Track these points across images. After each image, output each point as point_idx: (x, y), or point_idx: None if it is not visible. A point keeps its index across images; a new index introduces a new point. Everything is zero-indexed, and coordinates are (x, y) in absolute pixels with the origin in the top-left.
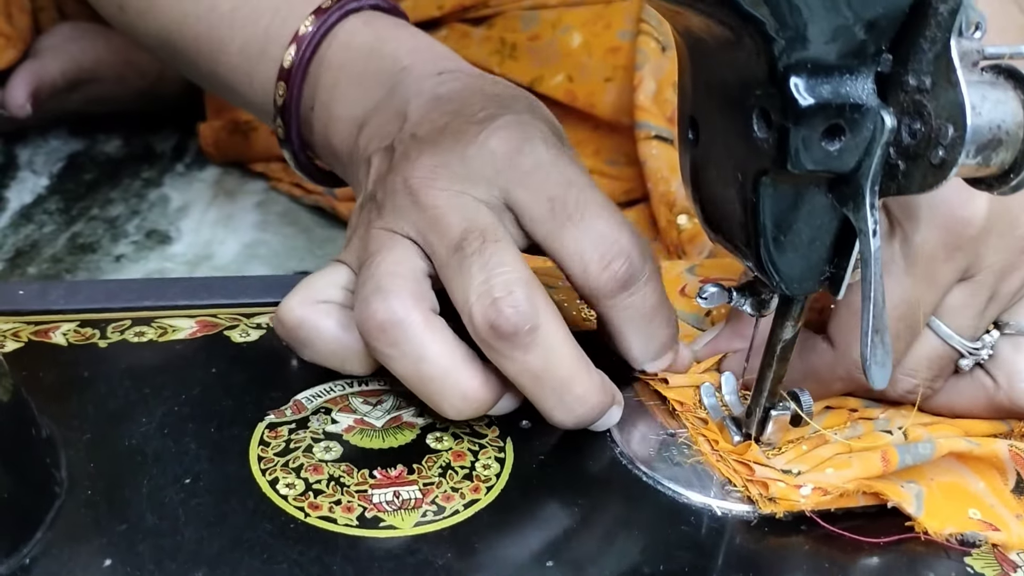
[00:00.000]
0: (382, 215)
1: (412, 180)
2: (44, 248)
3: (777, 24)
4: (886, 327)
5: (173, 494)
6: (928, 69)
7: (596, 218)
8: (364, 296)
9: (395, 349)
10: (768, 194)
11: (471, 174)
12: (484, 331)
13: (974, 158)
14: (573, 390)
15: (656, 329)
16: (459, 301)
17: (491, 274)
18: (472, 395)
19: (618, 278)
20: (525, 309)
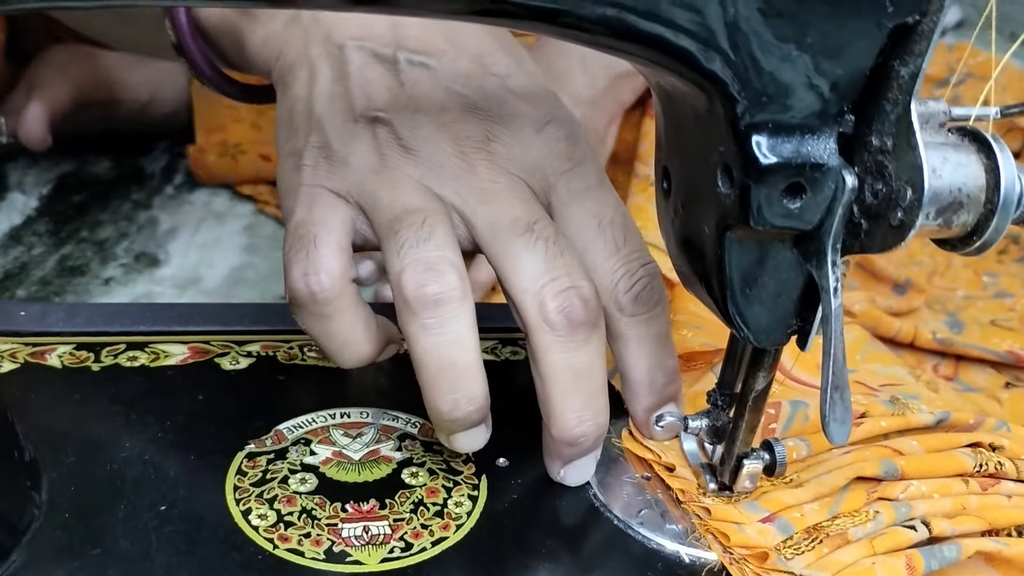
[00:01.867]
0: (414, 159)
1: (465, 147)
2: (33, 270)
3: (740, 85)
4: (846, 384)
5: (148, 520)
6: (890, 130)
7: (633, 243)
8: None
9: (440, 327)
10: (734, 248)
11: (531, 164)
12: (556, 315)
13: (934, 220)
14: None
15: (664, 358)
16: (525, 279)
17: (564, 262)
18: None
19: (640, 299)
20: (594, 305)
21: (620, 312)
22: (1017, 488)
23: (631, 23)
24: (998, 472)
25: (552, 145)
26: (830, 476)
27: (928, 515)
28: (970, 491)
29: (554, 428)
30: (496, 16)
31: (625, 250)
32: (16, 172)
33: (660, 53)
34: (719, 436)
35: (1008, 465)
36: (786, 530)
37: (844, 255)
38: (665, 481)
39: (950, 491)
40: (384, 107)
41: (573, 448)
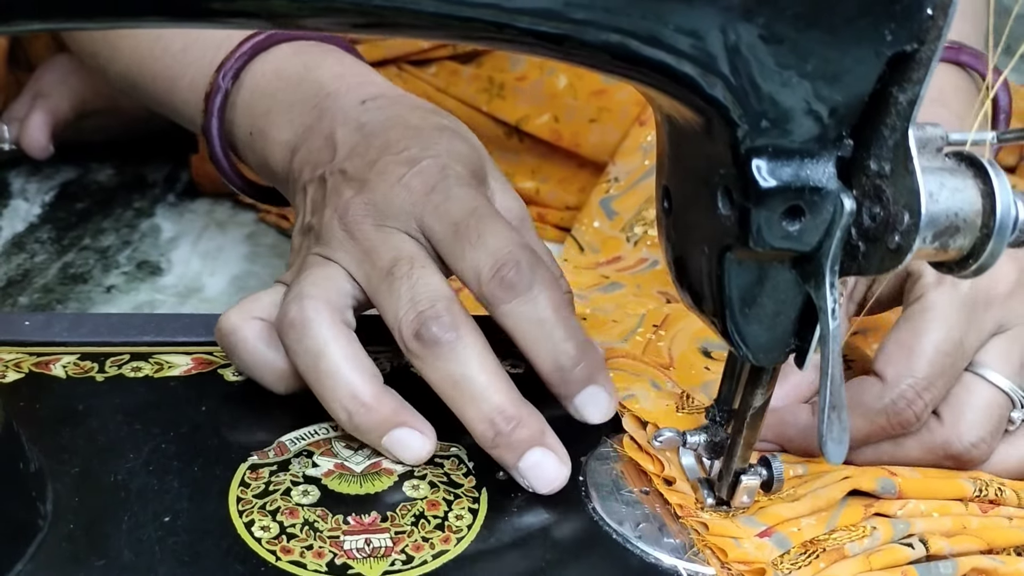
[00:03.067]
0: (319, 243)
1: (346, 217)
2: (36, 278)
3: (740, 109)
4: (844, 404)
5: (152, 531)
6: (888, 155)
7: (491, 235)
8: (286, 302)
9: (299, 344)
10: (733, 268)
11: (395, 210)
12: (410, 341)
13: (931, 244)
14: (491, 399)
15: (559, 341)
16: (390, 319)
17: (417, 292)
18: (363, 397)
19: (505, 282)
20: (447, 320)
21: (493, 302)
22: (1018, 511)
23: (633, 48)
24: (998, 499)
25: (412, 188)
26: (827, 490)
27: (926, 533)
28: (969, 513)
29: (474, 438)
30: (503, 42)
31: (483, 242)
32: (19, 179)
33: (662, 78)
34: (717, 452)
35: (1009, 493)
36: (783, 545)
37: (842, 276)
38: (663, 495)
39: (949, 512)
40: (310, 216)
41: (499, 449)
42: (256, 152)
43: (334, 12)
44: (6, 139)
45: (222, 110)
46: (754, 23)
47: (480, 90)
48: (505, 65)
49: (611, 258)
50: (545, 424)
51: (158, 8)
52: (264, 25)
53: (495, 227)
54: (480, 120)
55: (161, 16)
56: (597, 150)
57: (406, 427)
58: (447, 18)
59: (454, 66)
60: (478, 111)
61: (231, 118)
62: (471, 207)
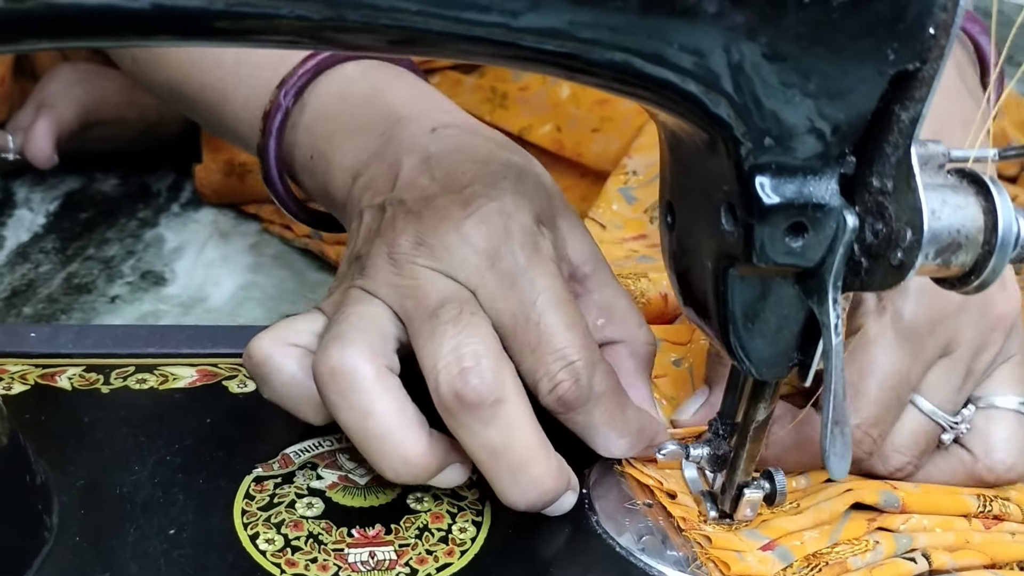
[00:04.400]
0: (364, 275)
1: (395, 252)
2: (40, 288)
3: (744, 127)
4: (847, 419)
5: (157, 544)
6: (890, 172)
7: (552, 337)
8: (324, 342)
9: (342, 399)
10: (736, 283)
11: (451, 262)
12: (448, 399)
13: (934, 260)
14: (530, 471)
15: (613, 441)
16: (427, 366)
17: (462, 343)
18: (413, 459)
19: (562, 401)
20: (491, 380)
21: (553, 410)
22: (1021, 527)
23: (638, 67)
24: (1003, 514)
25: (471, 241)
26: (830, 503)
27: (929, 547)
28: (973, 528)
29: (503, 501)
30: (509, 60)
31: (542, 351)
32: (23, 189)
33: (666, 96)
34: (720, 465)
35: (1014, 509)
36: (786, 558)
37: (844, 292)
38: (667, 508)
39: (952, 527)
40: (362, 244)
41: (534, 509)
42: (316, 177)
43: (342, 32)
44: (11, 148)
45: (281, 131)
46: (757, 42)
47: (483, 100)
48: (507, 75)
49: (637, 235)
50: (570, 471)
51: (166, 27)
52: (269, 44)
53: (557, 323)
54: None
55: (170, 35)
56: (599, 159)
57: (450, 466)
58: (454, 37)
59: (457, 76)
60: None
61: (291, 139)
62: (532, 297)
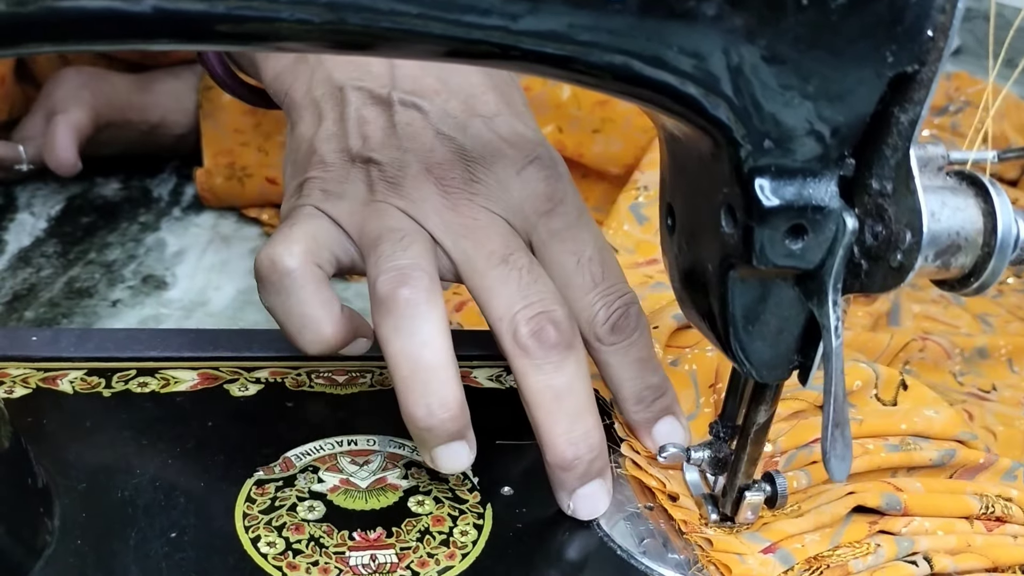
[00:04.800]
0: (400, 194)
1: (448, 185)
2: (41, 292)
3: (743, 130)
4: (847, 421)
5: (158, 547)
6: (890, 175)
7: (607, 277)
8: (382, 265)
9: (404, 322)
10: (737, 285)
11: (510, 203)
12: (526, 337)
13: (933, 262)
14: (586, 421)
15: (648, 377)
16: (500, 307)
17: (539, 290)
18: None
19: (617, 327)
20: (567, 328)
21: (600, 343)
22: (1023, 530)
23: (637, 70)
24: (1005, 516)
25: (531, 186)
26: (831, 506)
27: (930, 551)
28: (975, 531)
29: (547, 452)
30: (508, 61)
31: (603, 284)
32: (25, 194)
33: (666, 98)
34: (721, 467)
35: (1016, 511)
36: (787, 561)
37: (844, 294)
38: (668, 511)
39: (954, 529)
40: (377, 147)
41: (569, 472)
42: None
43: (342, 34)
44: (24, 159)
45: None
46: (756, 45)
47: None
48: None
49: (649, 259)
50: (608, 459)
51: (167, 30)
52: (272, 48)
53: (610, 263)
54: None
55: (171, 38)
56: (601, 160)
57: (464, 441)
58: (454, 40)
59: None
60: None
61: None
62: (589, 238)
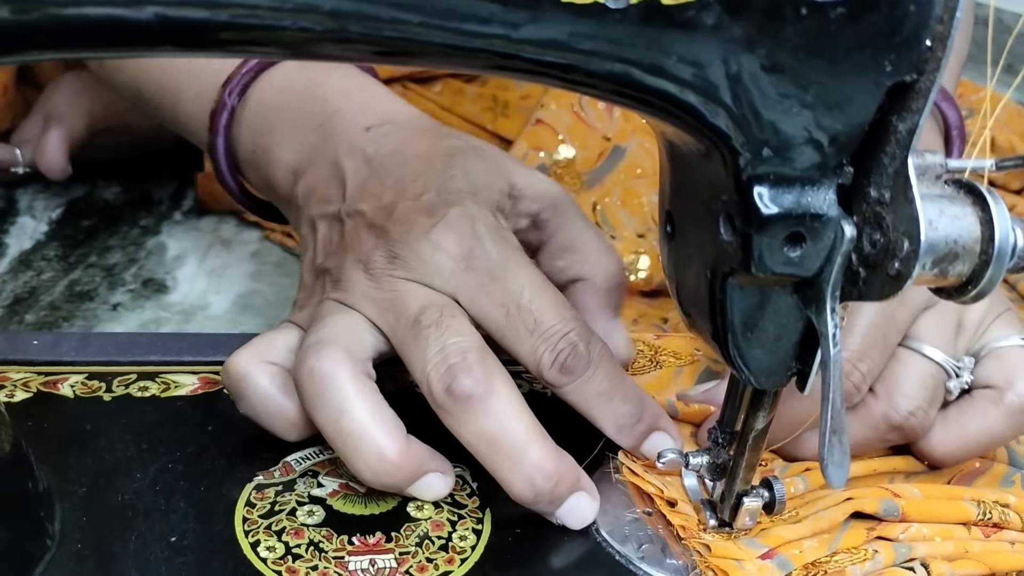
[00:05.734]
0: (338, 289)
1: (371, 267)
2: (42, 295)
3: (743, 138)
4: (844, 428)
5: (158, 552)
6: (888, 183)
7: (546, 317)
8: (304, 348)
9: (319, 399)
10: (735, 293)
11: (427, 270)
12: (440, 395)
13: (931, 270)
14: (529, 456)
15: (618, 406)
16: (417, 370)
17: (447, 343)
18: (390, 457)
19: (566, 368)
20: (479, 374)
21: (555, 386)
22: (1021, 536)
23: (637, 78)
24: (1002, 522)
25: (443, 247)
26: (829, 512)
27: (928, 557)
28: (972, 537)
29: (511, 495)
30: (510, 71)
31: (539, 329)
32: (26, 197)
33: (665, 107)
34: (719, 473)
35: (1013, 517)
36: (785, 567)
37: (842, 302)
38: (666, 517)
39: (952, 535)
40: (329, 257)
41: (538, 504)
42: (259, 171)
43: (344, 42)
44: (20, 162)
45: (228, 128)
46: (755, 54)
47: (484, 109)
48: (509, 84)
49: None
50: (579, 468)
51: (169, 38)
52: (275, 54)
53: (546, 305)
54: (484, 138)
55: (174, 46)
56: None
57: (430, 473)
58: (455, 48)
59: (458, 84)
60: (482, 129)
61: (235, 135)
62: (519, 283)
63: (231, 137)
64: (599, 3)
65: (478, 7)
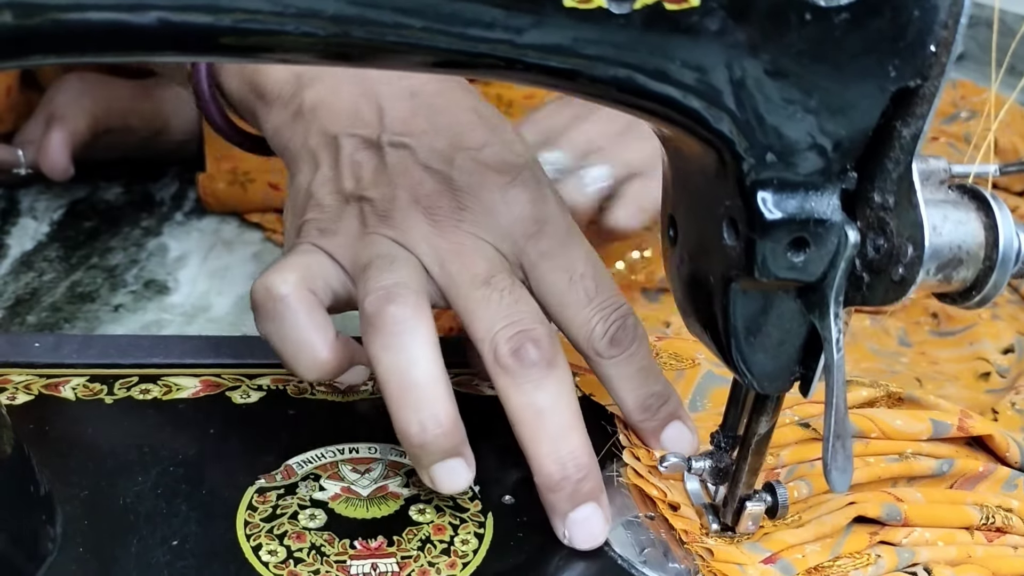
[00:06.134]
0: (390, 226)
1: (435, 213)
2: (44, 296)
3: (746, 143)
4: (848, 433)
5: (160, 555)
6: (892, 188)
7: (601, 291)
8: (372, 289)
9: (392, 340)
10: (738, 297)
11: (499, 229)
12: (506, 357)
13: (935, 276)
14: (569, 440)
15: (651, 386)
16: (482, 327)
17: (519, 310)
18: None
19: (615, 341)
20: (547, 347)
21: (600, 356)
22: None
23: (641, 83)
24: (1005, 527)
25: (516, 209)
26: (832, 516)
27: (931, 562)
28: (975, 542)
29: (534, 472)
30: (514, 76)
31: (597, 299)
32: (28, 198)
33: (669, 111)
34: (722, 477)
35: (1016, 521)
36: (788, 571)
37: (846, 307)
38: (669, 520)
39: (954, 540)
40: (368, 186)
41: (558, 493)
42: (244, 72)
43: (346, 47)
44: (22, 163)
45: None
46: (759, 59)
47: None
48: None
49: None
50: (602, 482)
51: (172, 43)
52: (278, 59)
53: (603, 277)
54: None
55: (176, 51)
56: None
57: (462, 458)
58: (459, 53)
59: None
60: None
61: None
62: (580, 255)
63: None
64: (603, 8)
65: (482, 12)
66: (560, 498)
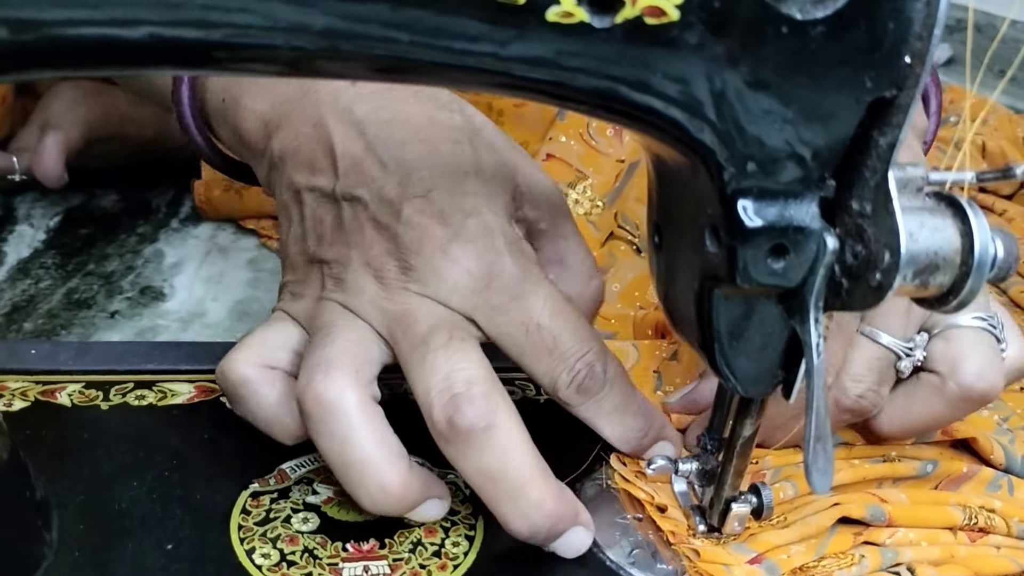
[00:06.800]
0: (342, 290)
1: (382, 276)
2: (40, 303)
3: (727, 152)
4: (828, 436)
5: (155, 559)
6: (869, 196)
7: (564, 337)
8: (310, 367)
9: (324, 426)
10: (721, 303)
11: (443, 287)
12: (441, 425)
13: (912, 281)
14: (528, 494)
15: (629, 421)
16: (420, 394)
17: (453, 369)
18: (392, 488)
19: (582, 389)
20: (482, 406)
21: (572, 405)
22: (1006, 540)
23: (624, 95)
24: (988, 527)
25: (461, 264)
26: (816, 517)
27: (914, 562)
28: (958, 542)
29: (507, 530)
30: (500, 88)
31: (558, 350)
32: (24, 205)
33: (651, 122)
34: (709, 479)
35: (999, 521)
36: (773, 572)
37: (826, 312)
38: (656, 522)
39: (938, 540)
40: (327, 246)
41: (534, 540)
42: (228, 121)
43: (336, 61)
44: (16, 170)
45: (193, 78)
46: (738, 71)
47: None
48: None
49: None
50: (577, 503)
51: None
52: (268, 72)
53: (565, 325)
54: None
55: (168, 65)
56: None
57: (428, 500)
58: (445, 66)
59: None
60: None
61: (203, 83)
62: (538, 304)
63: (199, 86)
64: (585, 23)
65: (467, 26)
66: (538, 541)
